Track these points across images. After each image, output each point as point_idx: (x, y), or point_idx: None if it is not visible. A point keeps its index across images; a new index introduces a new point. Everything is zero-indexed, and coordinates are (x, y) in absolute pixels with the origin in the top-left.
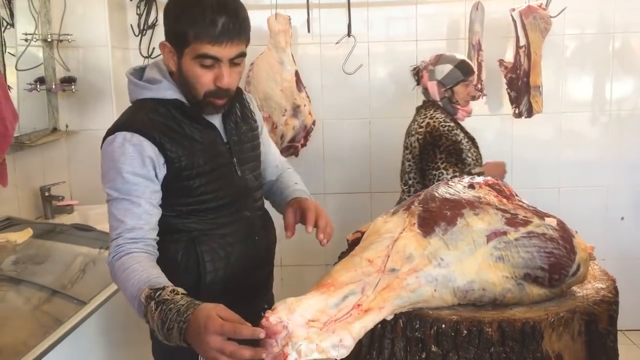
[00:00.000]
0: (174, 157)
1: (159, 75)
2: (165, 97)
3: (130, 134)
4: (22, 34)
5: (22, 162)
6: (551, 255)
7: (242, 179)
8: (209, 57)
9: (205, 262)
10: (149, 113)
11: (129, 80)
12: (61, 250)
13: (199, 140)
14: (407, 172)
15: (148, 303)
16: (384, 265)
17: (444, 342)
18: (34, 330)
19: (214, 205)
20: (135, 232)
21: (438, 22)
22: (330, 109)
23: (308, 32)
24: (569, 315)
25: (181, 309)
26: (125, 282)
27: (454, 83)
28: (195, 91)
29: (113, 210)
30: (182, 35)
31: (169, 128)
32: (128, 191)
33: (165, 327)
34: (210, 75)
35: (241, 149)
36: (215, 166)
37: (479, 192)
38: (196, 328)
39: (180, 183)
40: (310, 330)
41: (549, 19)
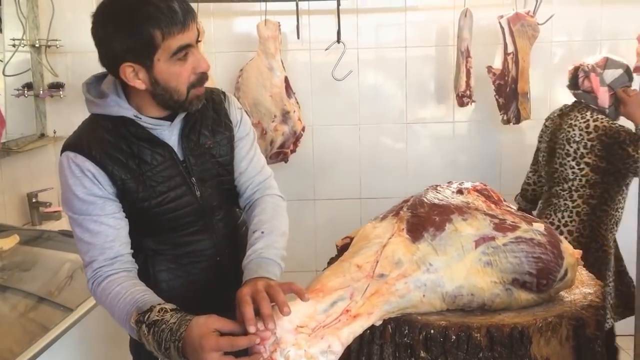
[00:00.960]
0: (117, 179)
1: (110, 88)
2: (111, 114)
3: (73, 154)
4: (10, 40)
5: (9, 168)
6: (539, 261)
7: (203, 198)
8: (183, 48)
9: (160, 282)
10: (97, 130)
11: (82, 91)
12: (48, 257)
13: (147, 161)
14: (574, 178)
15: (139, 327)
16: (373, 271)
17: (432, 348)
18: (20, 337)
19: (170, 225)
20: (107, 252)
21: (427, 28)
22: (320, 115)
23: (298, 39)
24: (557, 321)
25: (173, 327)
26: (111, 308)
27: (620, 87)
28: (178, 93)
29: (78, 233)
30: (147, 43)
31: (115, 147)
32: (87, 211)
33: (162, 348)
34: (188, 66)
35: (203, 166)
36: (166, 189)
37: (468, 198)
38: (192, 347)
39: (128, 204)
40: (299, 336)
41: (536, 26)
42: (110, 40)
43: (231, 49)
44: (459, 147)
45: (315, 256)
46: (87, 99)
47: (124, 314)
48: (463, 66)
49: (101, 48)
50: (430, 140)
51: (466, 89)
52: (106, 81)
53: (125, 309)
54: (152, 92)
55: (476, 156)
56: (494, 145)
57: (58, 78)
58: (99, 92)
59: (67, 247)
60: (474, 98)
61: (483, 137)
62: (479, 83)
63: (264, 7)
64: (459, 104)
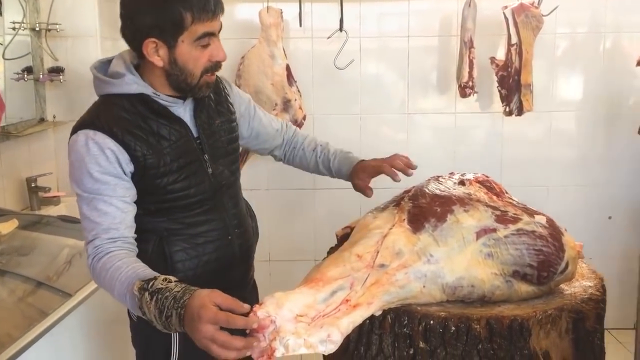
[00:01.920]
0: (139, 155)
1: (123, 68)
2: (129, 92)
3: (92, 131)
4: (10, 23)
5: (8, 153)
6: (540, 253)
7: (214, 176)
8: (207, 35)
9: (175, 263)
10: (113, 109)
11: (93, 74)
12: (47, 242)
13: (165, 137)
14: None
15: (142, 294)
16: (373, 261)
17: (432, 339)
18: (19, 322)
19: (183, 203)
20: (111, 232)
21: (430, 18)
22: (321, 103)
23: (300, 26)
24: (556, 313)
25: (177, 295)
26: (111, 281)
27: None
28: (192, 77)
29: (85, 211)
30: (177, 23)
31: (134, 124)
32: (98, 190)
33: (163, 315)
34: (207, 53)
35: (214, 144)
36: (184, 163)
37: (469, 189)
38: (191, 315)
39: (147, 181)
40: (298, 325)
41: (540, 18)
42: (140, 13)
43: (233, 35)
44: (460, 138)
45: (314, 245)
46: (100, 80)
47: (125, 285)
48: (466, 57)
49: (128, 20)
50: (432, 131)
51: (469, 80)
52: (115, 64)
53: (127, 281)
54: (167, 71)
55: (478, 147)
56: (496, 136)
57: (58, 62)
58: (112, 73)
59: (66, 232)
60: (477, 89)
61: (485, 128)
62: (482, 74)
63: None
64: (461, 95)
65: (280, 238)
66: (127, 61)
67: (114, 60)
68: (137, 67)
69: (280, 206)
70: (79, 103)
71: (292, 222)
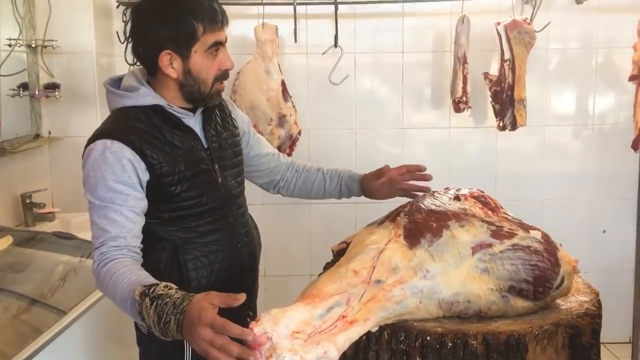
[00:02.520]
0: (155, 163)
1: (136, 83)
2: (144, 104)
3: (110, 141)
4: (6, 39)
5: (3, 169)
6: (536, 268)
7: (224, 186)
8: (217, 44)
9: (189, 271)
10: (129, 120)
11: (107, 90)
12: (41, 259)
13: (179, 146)
14: None
15: (142, 300)
16: (370, 277)
17: (428, 355)
18: (13, 339)
19: (196, 211)
20: (118, 240)
21: (424, 34)
22: (316, 119)
23: (295, 42)
24: (553, 328)
25: (176, 302)
26: (114, 286)
27: None
28: (205, 85)
29: (95, 218)
30: (190, 34)
31: (150, 134)
32: (110, 199)
33: (162, 321)
34: (217, 62)
35: (222, 155)
36: (196, 172)
37: (465, 204)
38: (190, 319)
39: (161, 189)
40: (295, 341)
41: (533, 34)
42: (155, 28)
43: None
44: (454, 153)
45: (309, 260)
46: (114, 94)
47: (127, 291)
48: (460, 72)
49: (141, 36)
50: (426, 146)
51: (462, 95)
52: (127, 79)
53: (129, 287)
54: (181, 82)
55: (472, 162)
56: (490, 151)
57: (54, 78)
58: (126, 87)
59: (61, 249)
60: (470, 104)
61: (479, 143)
62: (476, 89)
63: (261, 10)
64: (455, 110)
65: (276, 253)
66: (138, 77)
67: (125, 77)
68: (148, 83)
69: (276, 221)
70: (74, 119)
71: (287, 236)
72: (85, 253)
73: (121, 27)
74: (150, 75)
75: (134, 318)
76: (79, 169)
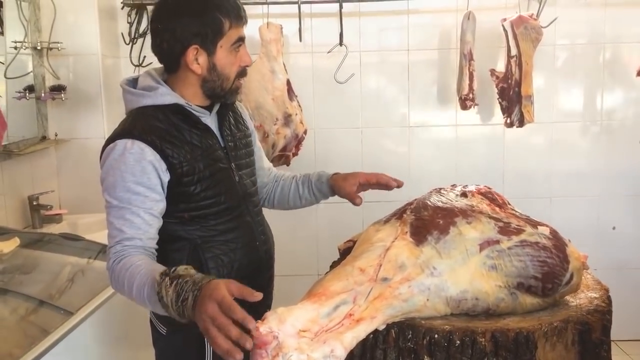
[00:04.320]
0: (176, 162)
1: (153, 82)
2: (164, 103)
3: (131, 141)
4: (12, 42)
5: (10, 171)
6: (544, 264)
7: (240, 184)
8: (240, 40)
9: (210, 269)
10: (149, 120)
11: (125, 90)
12: (49, 260)
13: (198, 145)
14: None
15: (163, 279)
16: (376, 275)
17: (436, 353)
18: (20, 341)
19: (215, 210)
20: (134, 240)
21: (430, 32)
22: (322, 118)
23: (300, 42)
24: (562, 325)
25: (196, 280)
26: (131, 277)
27: None
28: (227, 81)
29: (112, 219)
30: (216, 29)
31: (169, 134)
32: (128, 200)
33: (180, 299)
34: (239, 58)
35: (238, 154)
36: (214, 171)
37: (472, 201)
38: (203, 295)
39: (181, 189)
40: (301, 340)
41: (540, 29)
42: (181, 25)
43: None
44: (461, 150)
45: (317, 259)
46: (132, 93)
47: (145, 278)
48: (466, 69)
49: (167, 33)
50: (433, 144)
51: (469, 92)
52: (143, 79)
53: (148, 274)
54: (205, 78)
55: (479, 159)
56: (497, 148)
57: (60, 81)
58: (143, 86)
59: (68, 250)
60: (477, 101)
61: (486, 140)
62: (482, 86)
63: (266, 9)
64: (461, 107)
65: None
66: (155, 76)
67: (141, 77)
68: (165, 82)
69: (283, 220)
70: (81, 121)
71: (294, 237)
72: (92, 254)
73: (126, 28)
74: (170, 73)
75: (151, 305)
76: (85, 170)
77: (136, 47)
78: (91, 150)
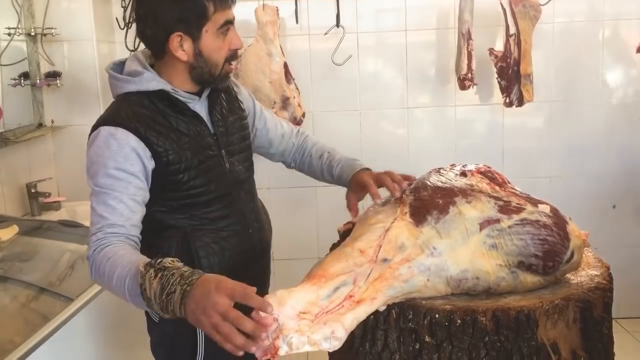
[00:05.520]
0: (161, 150)
1: (140, 67)
2: (149, 89)
3: (114, 128)
4: (5, 28)
5: (7, 159)
6: (545, 243)
7: (231, 172)
8: (227, 23)
9: (201, 258)
10: (134, 106)
11: (110, 75)
12: (48, 247)
13: (185, 133)
14: None
15: (147, 270)
16: (376, 256)
17: (437, 333)
18: (21, 328)
19: (204, 199)
20: (116, 227)
21: (427, 12)
22: (320, 100)
23: (296, 24)
24: (563, 303)
25: (184, 274)
26: (112, 267)
27: None
28: (215, 67)
29: (94, 205)
30: (200, 14)
31: (155, 121)
32: (110, 186)
33: (164, 292)
34: (227, 41)
35: (229, 140)
36: (203, 159)
37: (471, 180)
38: (204, 290)
39: (168, 177)
40: (302, 322)
41: (538, 7)
42: (164, 10)
43: None
44: (461, 131)
45: (317, 243)
46: (117, 79)
47: (128, 268)
48: (464, 49)
49: (150, 19)
50: (432, 125)
51: (468, 72)
52: (129, 64)
53: (130, 265)
54: (192, 65)
55: (479, 140)
56: (496, 128)
57: (55, 67)
58: (129, 71)
59: (67, 237)
60: (476, 81)
61: (485, 120)
62: (481, 66)
63: None
64: (460, 88)
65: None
66: (141, 60)
67: (128, 61)
68: (152, 67)
69: (283, 204)
70: (77, 107)
71: (294, 219)
72: None
73: (120, 12)
74: (156, 59)
75: (130, 297)
76: (83, 157)
77: (131, 32)
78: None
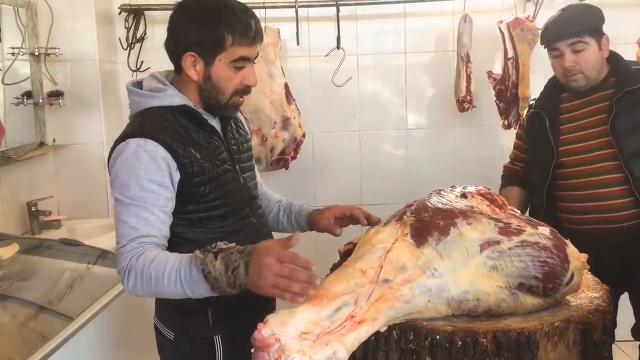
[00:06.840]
0: (187, 162)
1: (160, 84)
2: (172, 104)
3: (143, 140)
4: (9, 48)
5: (8, 177)
6: (545, 265)
7: (245, 187)
8: (243, 59)
9: None
10: (158, 120)
11: (131, 91)
12: (48, 266)
13: (205, 146)
14: None
15: (205, 255)
16: (377, 276)
17: (438, 354)
18: (20, 347)
19: (222, 211)
20: (151, 238)
21: (426, 35)
22: (320, 121)
23: (297, 45)
24: (563, 325)
25: (240, 249)
26: (159, 267)
27: None
28: (222, 95)
29: (124, 217)
30: (218, 42)
31: (178, 134)
32: (142, 198)
33: (230, 270)
34: (240, 76)
35: (241, 157)
36: (221, 172)
37: (472, 202)
38: (258, 255)
39: (191, 189)
40: (303, 342)
41: (536, 31)
42: (186, 29)
43: None
44: (460, 152)
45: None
46: (140, 94)
47: (178, 262)
48: (463, 71)
49: (174, 34)
50: (431, 146)
51: (466, 94)
52: (148, 81)
53: (180, 259)
54: (201, 86)
55: (477, 161)
56: (495, 150)
57: (57, 86)
58: (151, 88)
59: (68, 256)
60: (475, 103)
61: (484, 142)
62: (480, 88)
63: (263, 13)
64: (459, 110)
65: None
66: (160, 79)
67: (146, 80)
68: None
69: None
70: (79, 126)
71: None
72: (92, 260)
73: (124, 33)
74: (176, 73)
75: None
76: (84, 176)
77: (134, 52)
78: (89, 155)
